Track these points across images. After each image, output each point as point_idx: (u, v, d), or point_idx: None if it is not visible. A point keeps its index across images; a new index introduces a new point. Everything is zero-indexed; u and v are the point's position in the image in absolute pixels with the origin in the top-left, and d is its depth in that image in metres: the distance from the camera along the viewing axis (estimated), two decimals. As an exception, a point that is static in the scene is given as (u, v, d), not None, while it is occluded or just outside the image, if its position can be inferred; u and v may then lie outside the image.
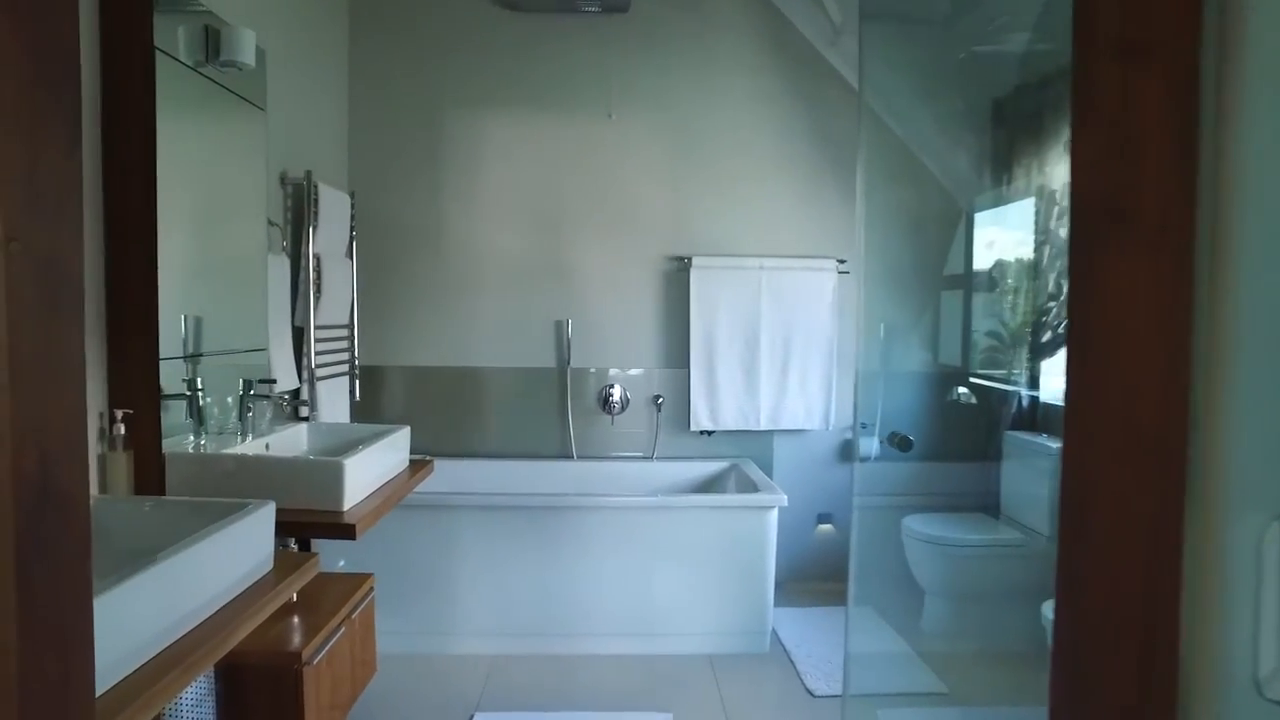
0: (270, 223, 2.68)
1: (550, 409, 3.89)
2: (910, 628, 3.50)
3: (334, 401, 3.21)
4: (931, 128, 3.81)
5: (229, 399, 2.25)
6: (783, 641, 3.33)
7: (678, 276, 3.88)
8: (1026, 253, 3.60)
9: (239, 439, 2.18)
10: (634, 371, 3.91)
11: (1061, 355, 3.25)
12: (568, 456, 3.88)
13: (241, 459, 1.97)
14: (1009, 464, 3.56)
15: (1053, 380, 3.61)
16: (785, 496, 3.18)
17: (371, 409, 3.75)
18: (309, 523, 1.85)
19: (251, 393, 2.25)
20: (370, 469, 2.13)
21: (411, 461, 2.55)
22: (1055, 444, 3.24)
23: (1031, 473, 3.42)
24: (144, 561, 1.17)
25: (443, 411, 3.85)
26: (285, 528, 1.85)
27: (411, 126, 3.79)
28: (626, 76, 3.83)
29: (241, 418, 2.25)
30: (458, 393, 3.85)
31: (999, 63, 3.61)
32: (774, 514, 3.19)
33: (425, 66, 3.78)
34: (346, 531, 1.83)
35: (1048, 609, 2.60)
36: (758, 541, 3.19)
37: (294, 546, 2.19)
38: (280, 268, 2.76)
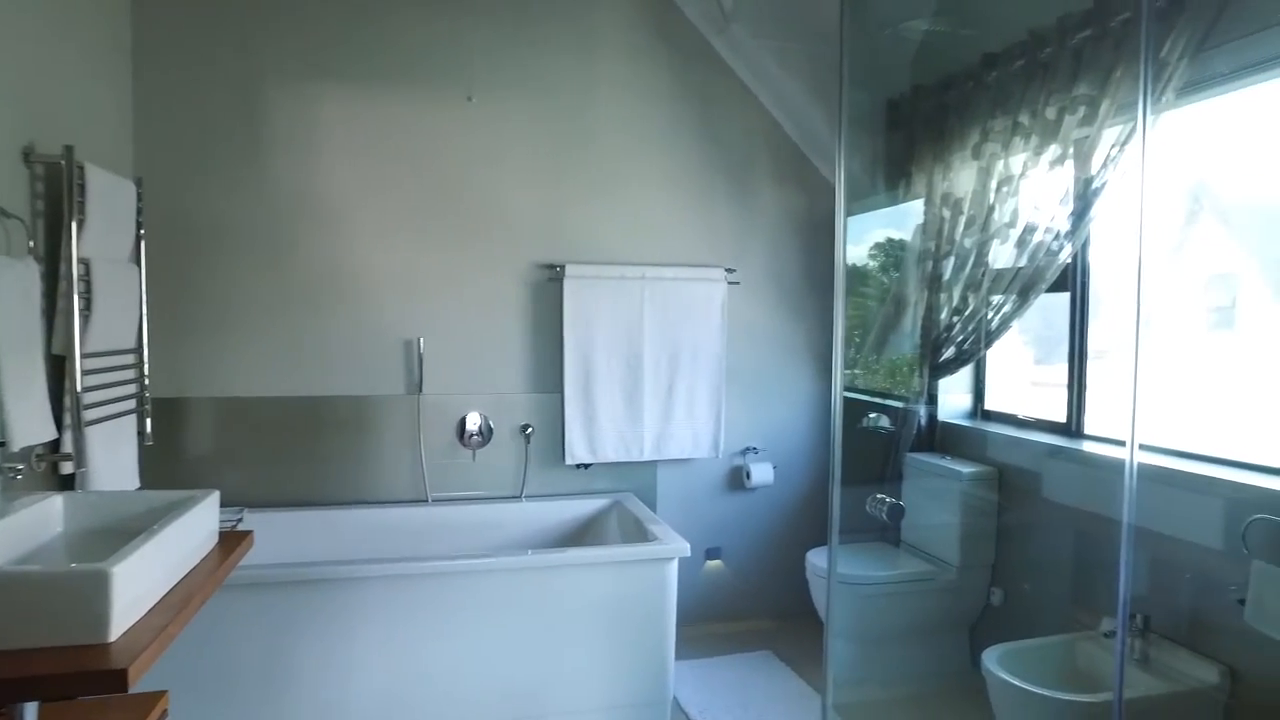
0: (4, 214, 1.94)
1: (399, 444, 3.26)
2: (818, 673, 3.18)
3: (115, 450, 2.46)
4: (824, 127, 3.53)
5: (-67, 470, 1.53)
6: (684, 708, 2.90)
7: (548, 288, 3.37)
8: (917, 264, 3.37)
9: (-55, 532, 1.47)
10: (498, 398, 3.36)
11: (964, 373, 2.94)
12: (421, 500, 3.27)
13: (-62, 574, 1.28)
14: (909, 487, 3.33)
15: (953, 398, 3.41)
16: (687, 545, 2.75)
17: (171, 453, 2.98)
18: (49, 675, 1.20)
19: (-32, 460, 1.54)
20: (157, 567, 1.48)
21: (222, 534, 1.88)
22: (959, 466, 3.03)
23: (933, 497, 3.19)
24: None
25: (265, 451, 3.13)
26: (10, 687, 1.20)
27: (222, 100, 3.03)
28: (490, 54, 3.27)
29: (-46, 496, 1.54)
30: (284, 428, 3.15)
31: (898, 59, 3.37)
32: (674, 565, 2.75)
33: (241, 25, 3.04)
34: (113, 682, 1.20)
35: (990, 659, 2.33)
36: (655, 598, 2.73)
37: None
38: (23, 276, 2.01)
